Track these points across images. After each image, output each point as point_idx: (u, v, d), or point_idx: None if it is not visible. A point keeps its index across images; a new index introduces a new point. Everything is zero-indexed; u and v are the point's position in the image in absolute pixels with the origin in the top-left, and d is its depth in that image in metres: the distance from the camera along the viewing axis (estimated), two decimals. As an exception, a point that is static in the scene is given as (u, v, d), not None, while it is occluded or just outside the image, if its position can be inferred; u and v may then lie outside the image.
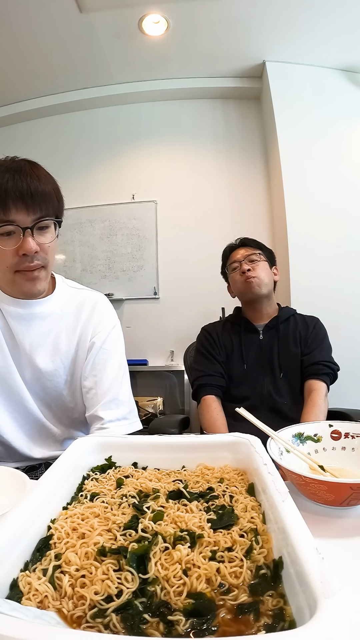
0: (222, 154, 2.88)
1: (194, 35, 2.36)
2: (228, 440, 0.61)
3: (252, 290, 1.29)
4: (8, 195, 0.68)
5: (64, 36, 2.31)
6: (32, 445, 0.88)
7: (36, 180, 0.71)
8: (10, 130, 3.06)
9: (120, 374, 0.89)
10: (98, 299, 0.93)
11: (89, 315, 0.89)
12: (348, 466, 0.63)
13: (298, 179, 2.43)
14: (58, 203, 0.77)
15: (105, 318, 0.91)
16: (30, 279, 0.75)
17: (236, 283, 1.34)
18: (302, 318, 1.36)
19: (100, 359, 0.87)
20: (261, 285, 1.29)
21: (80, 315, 0.89)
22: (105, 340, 0.89)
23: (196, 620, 0.31)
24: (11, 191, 0.68)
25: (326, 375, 1.23)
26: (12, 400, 0.84)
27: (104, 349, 0.88)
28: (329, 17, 2.13)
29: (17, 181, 0.69)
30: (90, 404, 0.86)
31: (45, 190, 0.72)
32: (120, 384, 0.88)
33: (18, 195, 0.69)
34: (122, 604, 0.32)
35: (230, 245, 1.42)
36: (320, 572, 0.30)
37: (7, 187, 0.68)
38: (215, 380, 1.28)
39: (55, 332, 0.86)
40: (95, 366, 0.87)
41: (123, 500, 0.47)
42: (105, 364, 0.87)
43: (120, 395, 0.87)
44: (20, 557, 0.38)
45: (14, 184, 0.68)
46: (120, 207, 2.92)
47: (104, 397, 0.85)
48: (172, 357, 2.78)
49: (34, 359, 0.84)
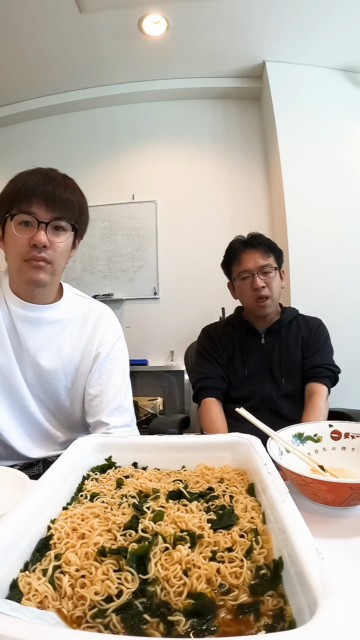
0: (222, 154, 2.88)
1: (194, 35, 2.36)
2: (228, 440, 0.61)
3: (263, 311, 1.24)
4: (33, 193, 0.76)
5: (64, 36, 2.31)
6: (31, 446, 0.88)
7: (63, 188, 0.79)
8: (10, 130, 3.06)
9: (125, 384, 0.94)
10: (104, 310, 0.97)
11: (95, 326, 0.92)
12: (348, 466, 0.63)
13: (298, 179, 2.43)
14: (80, 214, 0.84)
15: (111, 329, 0.95)
16: (35, 267, 0.79)
17: (246, 296, 1.25)
18: (305, 320, 1.33)
19: (106, 369, 0.91)
20: (272, 304, 1.25)
21: (86, 324, 0.92)
22: (111, 350, 0.92)
23: (196, 621, 0.31)
24: (37, 190, 0.76)
25: (327, 378, 1.22)
26: (13, 399, 0.85)
27: (109, 359, 0.92)
28: (329, 17, 2.13)
29: (46, 184, 0.77)
30: (95, 410, 0.89)
31: (69, 199, 0.80)
32: (124, 393, 0.92)
33: (43, 194, 0.76)
34: (122, 604, 0.32)
35: (239, 240, 1.29)
36: (320, 572, 0.30)
37: (34, 187, 0.76)
38: (215, 383, 1.27)
39: (59, 338, 0.88)
40: (102, 375, 0.90)
41: (123, 501, 0.47)
42: (111, 373, 0.91)
43: (125, 404, 0.91)
44: (20, 557, 0.38)
45: (42, 186, 0.76)
46: (120, 207, 2.92)
47: (110, 405, 0.89)
48: (172, 357, 2.78)
49: (36, 361, 0.86)
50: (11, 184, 0.79)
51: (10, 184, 0.80)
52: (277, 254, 1.29)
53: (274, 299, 1.24)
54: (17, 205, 0.76)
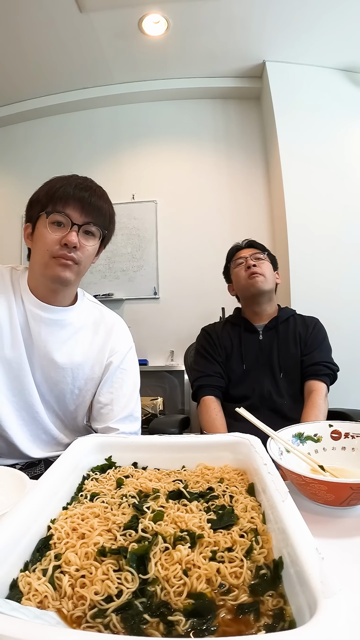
0: (222, 154, 2.88)
1: (194, 35, 2.36)
2: (228, 440, 0.61)
3: (256, 285, 1.29)
4: (70, 197, 0.80)
5: (64, 36, 2.31)
6: (34, 445, 0.89)
7: (97, 197, 0.83)
8: (10, 130, 3.05)
9: (135, 393, 0.96)
10: (116, 320, 0.99)
11: (107, 335, 0.94)
12: (348, 466, 0.63)
13: (298, 179, 2.43)
14: (109, 223, 0.88)
15: (123, 339, 0.97)
16: (62, 264, 0.81)
17: (240, 278, 1.34)
18: (302, 319, 1.36)
19: (118, 378, 0.93)
20: (265, 281, 1.30)
21: (98, 332, 0.94)
22: (123, 360, 0.94)
23: (196, 621, 0.31)
24: (74, 194, 0.80)
25: (326, 375, 1.23)
26: (21, 397, 0.86)
27: (121, 369, 0.94)
28: (329, 17, 2.13)
29: (82, 191, 0.81)
30: (105, 418, 0.91)
31: (103, 207, 0.84)
32: (135, 402, 0.94)
33: (79, 199, 0.80)
34: (122, 604, 0.32)
35: (237, 245, 1.43)
36: (320, 572, 0.30)
37: (72, 192, 0.80)
38: (214, 381, 1.28)
39: (71, 343, 0.89)
40: (113, 384, 0.93)
41: (123, 501, 0.47)
42: (123, 382, 0.93)
43: (135, 413, 0.94)
44: (20, 557, 0.38)
45: (79, 192, 0.81)
46: (120, 207, 2.91)
47: (121, 414, 0.91)
48: (172, 357, 2.78)
49: (46, 363, 0.86)
50: (47, 186, 0.83)
51: (46, 185, 0.83)
52: (272, 257, 1.41)
53: (266, 277, 1.31)
54: (52, 206, 0.80)
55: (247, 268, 1.31)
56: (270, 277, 1.33)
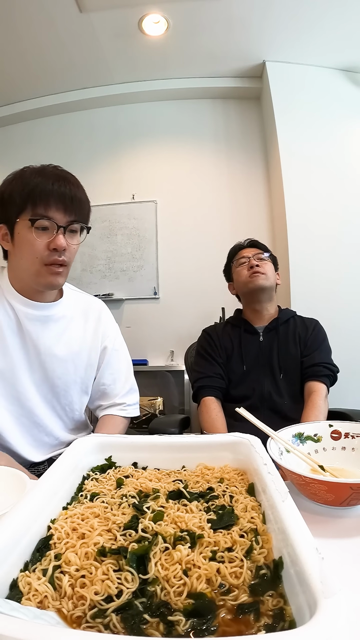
0: (222, 154, 2.88)
1: (194, 35, 2.36)
2: (228, 440, 0.61)
3: (257, 282, 1.30)
4: (51, 196, 0.77)
5: (64, 36, 2.31)
6: (34, 450, 0.88)
7: (76, 188, 0.81)
8: (10, 130, 3.05)
9: (131, 368, 1.06)
10: (102, 306, 1.04)
11: (97, 322, 0.99)
12: (348, 466, 0.63)
13: (298, 179, 2.42)
14: (87, 214, 0.87)
15: (111, 323, 1.04)
16: (55, 273, 0.82)
17: (241, 277, 1.35)
18: (302, 320, 1.36)
19: (114, 359, 1.01)
20: (266, 278, 1.31)
21: (88, 320, 0.98)
22: (115, 342, 1.02)
23: (196, 621, 0.31)
24: (55, 193, 0.77)
25: (326, 377, 1.23)
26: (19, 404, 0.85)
27: (115, 350, 1.01)
28: (329, 17, 2.13)
29: (62, 186, 0.78)
30: (110, 396, 1.00)
31: (83, 199, 0.83)
32: (132, 375, 1.05)
33: (60, 197, 0.78)
34: (122, 604, 0.32)
35: (239, 244, 1.44)
36: (320, 572, 0.30)
37: (52, 189, 0.77)
38: (214, 382, 1.28)
39: (67, 334, 0.92)
40: (112, 365, 1.00)
41: (123, 501, 0.47)
42: (119, 361, 1.02)
43: (134, 385, 1.05)
44: (20, 557, 0.38)
45: (58, 188, 0.77)
46: (120, 207, 2.92)
47: (124, 389, 1.01)
48: (172, 357, 2.78)
49: (48, 359, 0.87)
50: (19, 181, 0.78)
51: (18, 180, 0.79)
52: (273, 257, 1.41)
53: (268, 275, 1.31)
54: (32, 208, 0.77)
55: (249, 268, 1.32)
56: (271, 277, 1.33)
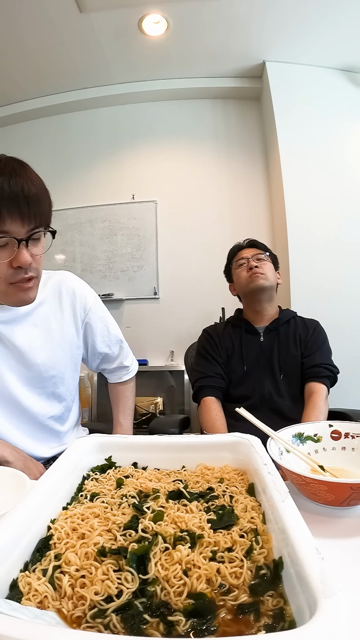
0: (222, 154, 2.87)
1: (194, 35, 2.36)
2: (228, 440, 0.61)
3: (257, 282, 1.30)
4: (2, 203, 0.64)
5: (64, 36, 2.31)
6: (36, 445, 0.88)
7: (29, 184, 0.67)
8: (10, 130, 3.06)
9: (119, 329, 1.07)
10: (74, 281, 0.97)
11: (72, 298, 0.94)
12: (348, 466, 0.63)
13: (298, 179, 2.42)
14: (49, 209, 0.73)
15: (86, 294, 0.98)
16: (25, 289, 0.74)
17: (241, 278, 1.35)
18: (302, 321, 1.36)
19: (103, 327, 1.00)
20: (266, 278, 1.31)
21: (62, 299, 0.92)
22: (97, 311, 0.99)
23: (196, 621, 0.31)
24: (6, 198, 0.64)
25: (326, 377, 1.23)
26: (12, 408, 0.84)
27: (100, 318, 1.00)
28: (329, 17, 2.13)
29: (13, 185, 0.65)
30: (111, 361, 1.05)
31: (39, 196, 0.69)
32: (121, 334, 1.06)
33: (13, 202, 0.65)
34: (122, 604, 0.32)
35: (238, 244, 1.44)
36: (320, 572, 0.30)
37: (1, 195, 0.64)
38: (215, 382, 1.28)
39: (44, 322, 0.88)
40: (103, 335, 1.00)
41: (123, 501, 0.47)
42: (108, 328, 1.02)
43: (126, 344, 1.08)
44: (20, 557, 0.38)
45: (9, 189, 0.64)
46: (120, 207, 2.92)
47: (122, 352, 1.06)
48: (172, 357, 2.78)
49: (33, 356, 0.85)
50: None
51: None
52: (273, 256, 1.41)
53: (267, 276, 1.31)
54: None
55: (249, 269, 1.32)
56: (271, 277, 1.33)
